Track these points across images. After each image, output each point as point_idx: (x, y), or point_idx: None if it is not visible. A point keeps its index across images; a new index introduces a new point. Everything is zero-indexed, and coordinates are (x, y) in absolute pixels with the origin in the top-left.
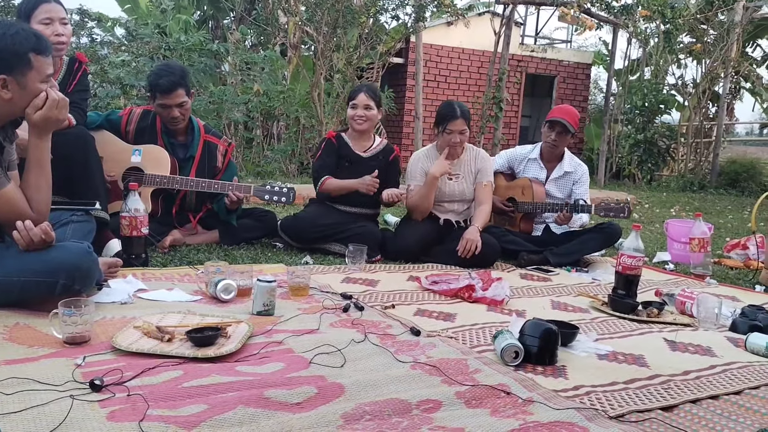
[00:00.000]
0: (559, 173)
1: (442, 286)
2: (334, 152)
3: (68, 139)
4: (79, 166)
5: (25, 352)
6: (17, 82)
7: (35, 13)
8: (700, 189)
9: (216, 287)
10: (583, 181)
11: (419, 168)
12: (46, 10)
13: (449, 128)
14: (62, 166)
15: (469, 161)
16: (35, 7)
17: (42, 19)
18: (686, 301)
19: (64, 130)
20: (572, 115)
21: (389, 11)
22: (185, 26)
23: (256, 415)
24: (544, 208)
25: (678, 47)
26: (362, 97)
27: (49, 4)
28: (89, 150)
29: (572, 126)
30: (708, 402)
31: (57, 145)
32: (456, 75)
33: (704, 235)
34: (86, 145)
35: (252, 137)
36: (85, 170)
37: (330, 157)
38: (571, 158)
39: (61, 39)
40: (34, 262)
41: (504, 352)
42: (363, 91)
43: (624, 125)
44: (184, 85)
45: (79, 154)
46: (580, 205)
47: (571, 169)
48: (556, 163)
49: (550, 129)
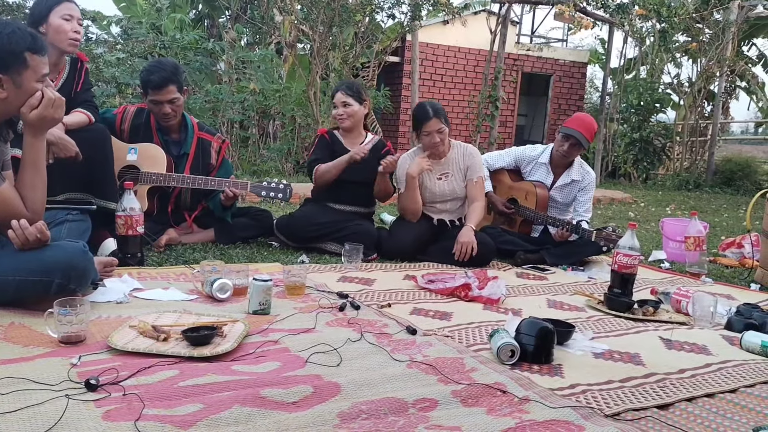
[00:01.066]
0: (566, 180)
1: (438, 285)
2: (327, 148)
3: (90, 136)
4: (100, 163)
5: (20, 352)
6: (13, 81)
7: (58, 8)
8: (695, 188)
9: (212, 286)
10: (589, 189)
11: (405, 171)
12: (68, 7)
13: (425, 130)
14: (84, 163)
15: (458, 159)
16: (59, 3)
17: (64, 15)
18: (682, 300)
19: (85, 128)
20: (589, 129)
21: (385, 10)
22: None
23: (252, 415)
24: (545, 221)
25: (674, 46)
26: (339, 95)
27: (71, 3)
28: (107, 147)
29: (587, 141)
30: (704, 400)
31: (79, 142)
32: (452, 74)
33: (699, 234)
34: (105, 142)
35: (248, 136)
36: (106, 167)
37: (323, 152)
38: (580, 165)
39: (77, 36)
40: (29, 261)
41: (500, 351)
42: (340, 90)
43: (620, 124)
44: (175, 81)
45: (99, 151)
46: (582, 229)
47: (578, 177)
48: (565, 170)
49: (564, 140)
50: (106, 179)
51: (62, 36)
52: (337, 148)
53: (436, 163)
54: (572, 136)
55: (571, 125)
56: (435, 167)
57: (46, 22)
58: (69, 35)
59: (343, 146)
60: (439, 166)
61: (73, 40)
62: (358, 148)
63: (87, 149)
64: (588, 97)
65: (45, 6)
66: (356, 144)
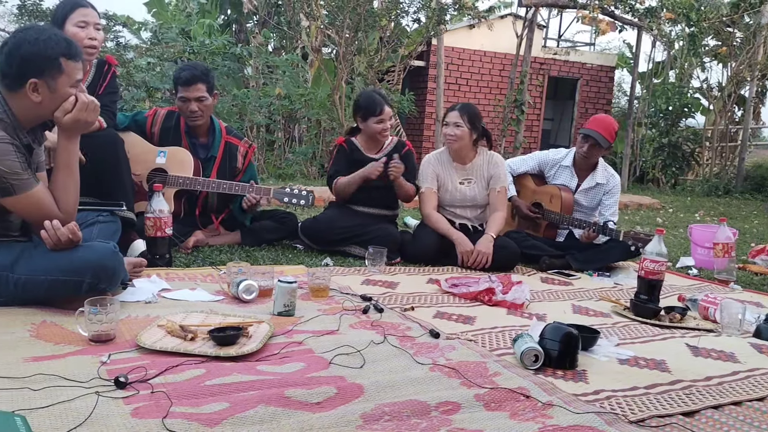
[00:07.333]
0: (590, 183)
1: (461, 288)
2: (346, 158)
3: (99, 142)
4: (109, 167)
5: (51, 349)
6: (48, 86)
7: (72, 16)
8: (725, 193)
9: (238, 287)
10: (614, 192)
11: (430, 171)
12: (83, 14)
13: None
14: (93, 168)
15: (482, 166)
16: (72, 10)
17: (78, 22)
18: (709, 307)
19: (94, 133)
20: (608, 128)
21: (410, 14)
22: (209, 30)
23: (276, 414)
24: (571, 223)
25: (703, 50)
26: (454, 115)
27: (86, 9)
28: (119, 152)
29: (606, 141)
30: (730, 408)
31: (88, 147)
32: (477, 78)
33: (728, 240)
34: (116, 147)
35: (273, 140)
36: (115, 172)
37: (342, 163)
38: (604, 168)
39: (93, 43)
40: (61, 261)
41: (524, 356)
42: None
43: (648, 129)
44: (204, 80)
45: (109, 156)
46: (609, 229)
47: (603, 180)
48: (589, 173)
49: (583, 140)
50: (116, 184)
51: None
52: (357, 156)
53: (460, 168)
54: (591, 137)
55: (590, 126)
56: (458, 172)
57: (63, 31)
58: (84, 43)
59: (362, 154)
60: (463, 171)
61: (88, 47)
62: (371, 166)
63: (95, 154)
64: (616, 102)
65: (61, 14)
66: (376, 149)
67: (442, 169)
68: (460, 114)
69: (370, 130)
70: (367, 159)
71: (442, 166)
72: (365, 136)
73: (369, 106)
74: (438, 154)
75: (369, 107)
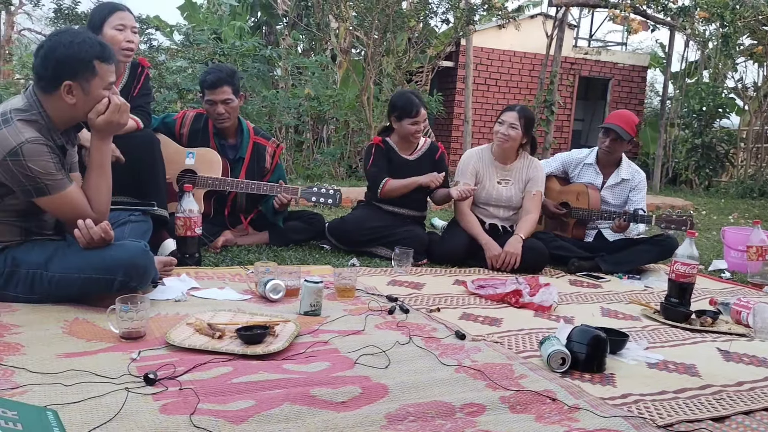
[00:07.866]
0: (615, 180)
1: (488, 290)
2: (384, 156)
3: (137, 142)
4: (146, 167)
5: (83, 346)
6: (81, 88)
7: (110, 19)
8: (760, 196)
9: (265, 287)
10: (641, 188)
11: (470, 167)
12: (120, 17)
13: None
14: (130, 168)
15: (522, 168)
16: (111, 13)
17: (116, 25)
18: (742, 311)
19: (132, 133)
20: (628, 122)
21: (439, 15)
22: (240, 32)
23: (301, 413)
24: (600, 216)
25: (738, 50)
26: (510, 116)
27: (123, 12)
28: (155, 152)
29: (627, 133)
30: (762, 414)
31: (126, 147)
32: (507, 78)
33: (763, 243)
34: (153, 147)
35: (302, 140)
36: (152, 172)
37: (381, 161)
38: (628, 164)
39: (130, 45)
40: (93, 260)
41: (550, 358)
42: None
43: (681, 129)
44: (230, 83)
45: (146, 156)
46: (640, 215)
47: (628, 176)
48: (613, 169)
49: (604, 135)
50: (152, 183)
51: (115, 47)
52: (392, 156)
53: (500, 167)
54: (612, 130)
55: (609, 120)
56: (498, 171)
57: (101, 33)
58: (122, 45)
59: (397, 154)
60: (503, 171)
61: (126, 50)
62: (433, 176)
63: (132, 154)
64: (648, 102)
65: (99, 18)
66: (410, 150)
67: (483, 166)
68: (518, 116)
69: (404, 130)
70: (402, 159)
71: (483, 163)
72: (398, 136)
73: (405, 107)
74: (480, 151)
75: (405, 108)
